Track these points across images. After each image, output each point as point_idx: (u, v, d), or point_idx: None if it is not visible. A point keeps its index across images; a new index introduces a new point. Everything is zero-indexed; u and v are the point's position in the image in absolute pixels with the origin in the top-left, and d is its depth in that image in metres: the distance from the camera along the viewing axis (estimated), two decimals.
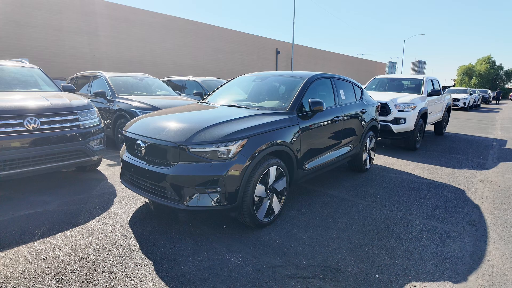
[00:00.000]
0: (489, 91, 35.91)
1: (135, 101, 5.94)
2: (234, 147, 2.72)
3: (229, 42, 23.94)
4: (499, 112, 21.02)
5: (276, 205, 3.17)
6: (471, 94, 22.63)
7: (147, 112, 5.39)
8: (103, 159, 5.40)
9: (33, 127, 3.62)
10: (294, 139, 3.29)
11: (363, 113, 4.79)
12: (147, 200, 3.62)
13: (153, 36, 18.94)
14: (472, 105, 23.32)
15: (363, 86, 9.03)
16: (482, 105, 29.68)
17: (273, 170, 3.04)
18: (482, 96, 31.48)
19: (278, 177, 3.13)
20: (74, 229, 2.94)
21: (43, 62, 13.79)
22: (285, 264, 2.47)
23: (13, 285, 2.14)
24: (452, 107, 20.47)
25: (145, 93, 6.96)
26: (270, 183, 3.04)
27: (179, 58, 20.40)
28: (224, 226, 3.07)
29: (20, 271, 2.28)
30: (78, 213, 3.28)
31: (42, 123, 3.71)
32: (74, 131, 4.01)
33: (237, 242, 2.78)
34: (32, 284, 2.15)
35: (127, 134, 3.17)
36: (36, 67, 5.31)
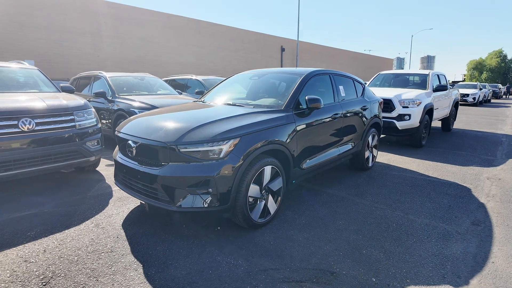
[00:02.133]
0: (500, 85, 35.11)
1: (135, 100, 5.91)
2: (225, 147, 2.65)
3: (232, 40, 23.86)
4: (510, 107, 20.51)
5: (272, 206, 3.09)
6: (481, 89, 22.12)
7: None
8: (102, 159, 5.39)
9: (28, 128, 3.60)
10: (290, 138, 3.20)
11: (365, 110, 4.66)
12: (142, 201, 3.57)
13: (156, 35, 18.98)
14: (482, 100, 22.79)
15: (368, 82, 8.87)
16: (492, 100, 29.02)
17: (268, 170, 2.96)
18: (493, 91, 30.75)
19: (273, 177, 3.05)
20: (66, 231, 2.90)
21: (47, 63, 13.92)
22: (278, 267, 2.39)
23: None
24: (461, 102, 20.08)
25: (146, 93, 6.94)
26: (265, 183, 2.96)
27: (182, 57, 20.41)
28: (219, 227, 3.00)
29: (8, 275, 2.25)
30: (73, 214, 3.26)
31: (38, 124, 3.69)
32: (71, 132, 3.98)
33: (230, 244, 2.71)
34: None
35: (119, 134, 3.13)
36: (35, 68, 5.32)
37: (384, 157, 5.94)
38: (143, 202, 3.48)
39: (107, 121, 6.36)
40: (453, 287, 2.20)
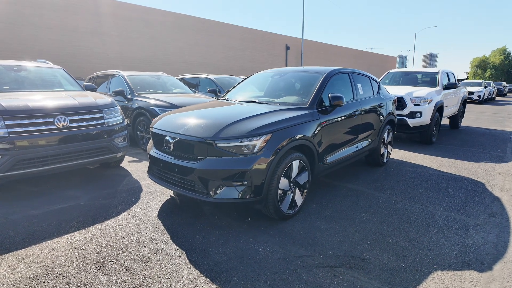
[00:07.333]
0: (504, 83, 35.03)
1: (154, 99, 6.07)
2: (259, 142, 2.81)
3: (239, 39, 23.99)
4: None
5: (299, 198, 3.25)
6: (485, 87, 22.16)
7: (166, 110, 5.52)
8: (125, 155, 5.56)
9: (63, 125, 3.77)
10: (315, 134, 3.36)
11: (381, 107, 4.81)
12: (172, 194, 3.75)
13: (165, 35, 19.16)
14: (487, 98, 22.85)
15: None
16: (497, 98, 29.03)
17: (295, 164, 3.12)
18: (497, 88, 30.75)
19: (300, 171, 3.21)
20: (107, 221, 3.08)
21: (60, 63, 14.01)
22: (312, 254, 2.55)
23: (58, 272, 2.28)
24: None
25: (161, 91, 7.09)
26: (293, 177, 3.12)
27: (190, 56, 20.59)
28: (249, 219, 3.17)
29: (63, 260, 2.43)
30: (108, 207, 3.43)
31: (71, 121, 3.87)
32: (100, 129, 4.16)
33: (263, 234, 2.88)
34: (76, 271, 2.29)
35: (155, 130, 3.29)
36: (60, 67, 5.49)
37: (396, 154, 6.09)
38: (174, 195, 3.67)
39: (126, 119, 6.53)
40: (478, 272, 2.36)
